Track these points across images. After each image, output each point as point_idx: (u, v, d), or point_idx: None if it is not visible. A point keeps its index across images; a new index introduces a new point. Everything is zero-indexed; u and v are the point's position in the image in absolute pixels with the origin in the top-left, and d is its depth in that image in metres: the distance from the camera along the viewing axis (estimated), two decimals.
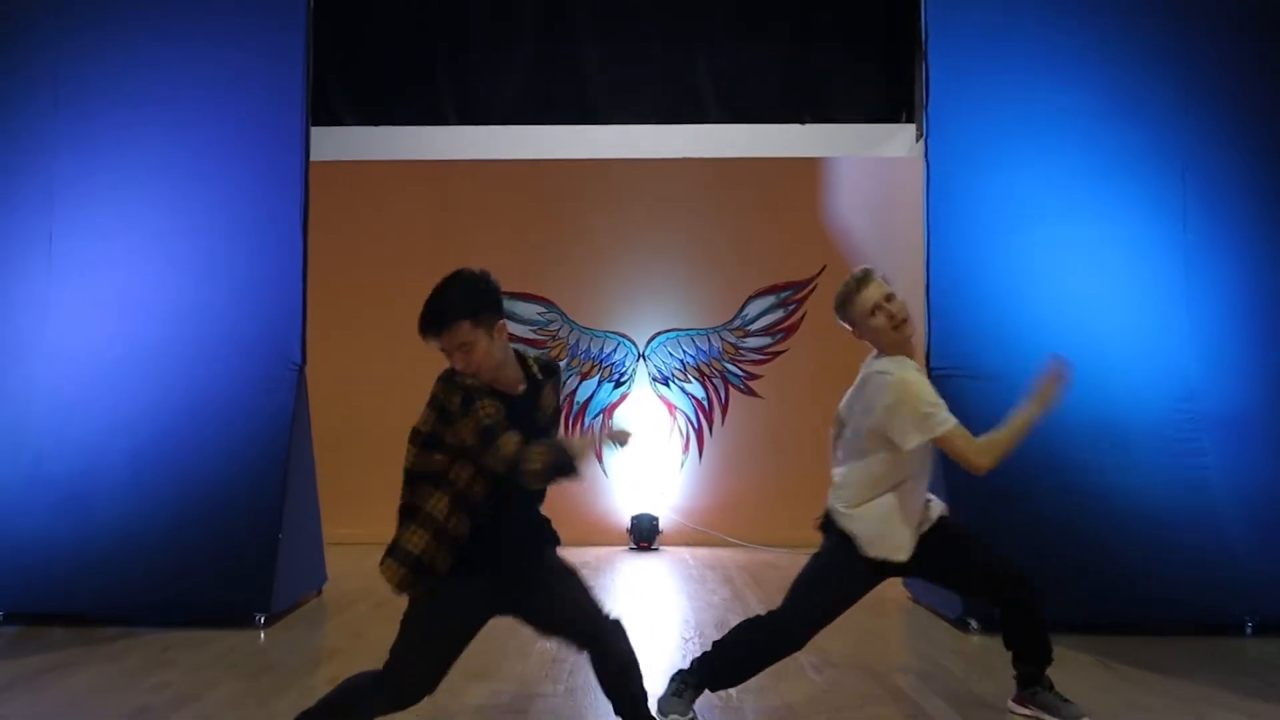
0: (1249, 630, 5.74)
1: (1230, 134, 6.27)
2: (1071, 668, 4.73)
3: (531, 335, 9.90)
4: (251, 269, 6.39)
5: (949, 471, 6.13)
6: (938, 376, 6.22)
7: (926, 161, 6.46)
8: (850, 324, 4.08)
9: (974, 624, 5.77)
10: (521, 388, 3.35)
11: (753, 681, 4.46)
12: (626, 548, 9.44)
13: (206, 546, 5.99)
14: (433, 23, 9.77)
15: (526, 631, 3.53)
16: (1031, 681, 4.14)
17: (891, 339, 4.01)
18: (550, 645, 4.97)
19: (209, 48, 6.49)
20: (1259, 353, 6.15)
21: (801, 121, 10.35)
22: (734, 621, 5.82)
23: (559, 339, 9.95)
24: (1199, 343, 6.17)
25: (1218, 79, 6.29)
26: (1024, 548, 5.55)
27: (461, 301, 3.22)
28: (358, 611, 6.41)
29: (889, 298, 4.01)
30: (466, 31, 9.79)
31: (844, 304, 4.06)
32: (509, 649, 5.12)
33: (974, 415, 5.95)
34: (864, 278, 4.05)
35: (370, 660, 3.43)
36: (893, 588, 7.01)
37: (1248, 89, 6.31)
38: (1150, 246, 6.26)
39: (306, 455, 6.65)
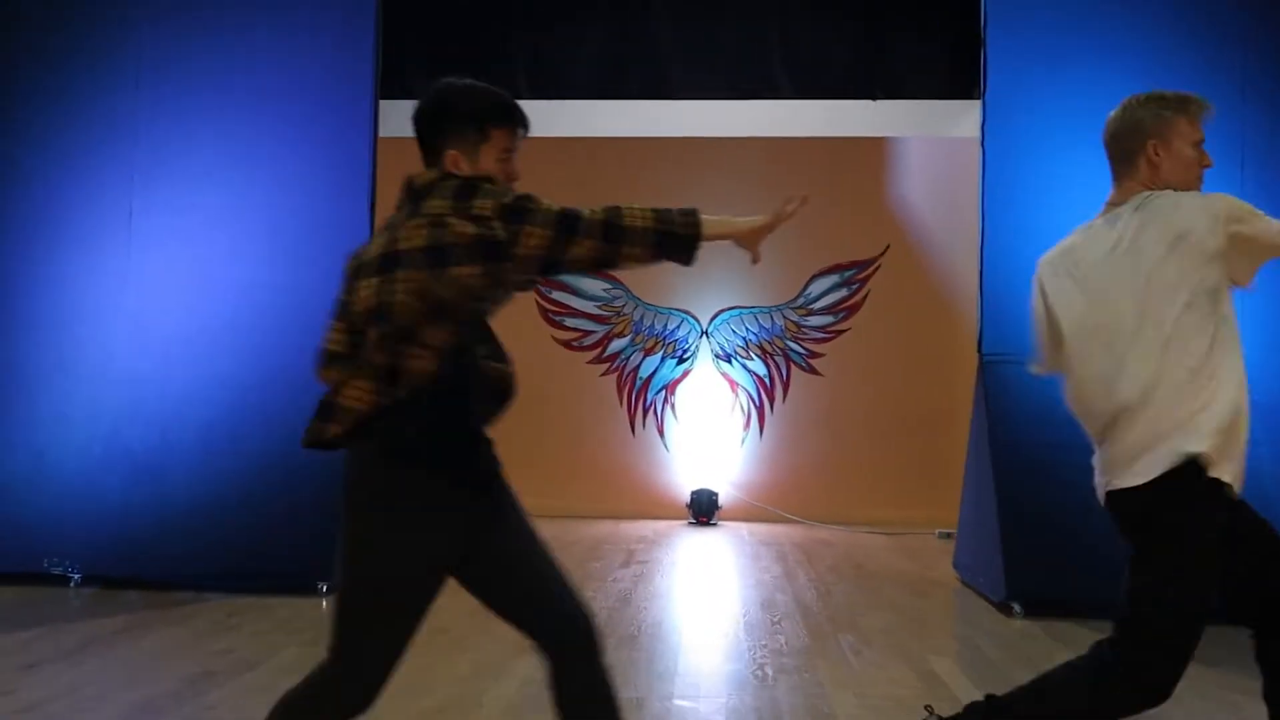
0: None
1: None
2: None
3: (597, 311, 10.07)
4: (318, 245, 6.54)
5: (995, 425, 6.20)
6: (989, 362, 6.28)
7: (983, 146, 6.47)
8: (1138, 149, 3.02)
9: (1017, 608, 5.81)
10: None
11: (788, 661, 4.59)
12: (686, 522, 9.58)
13: (272, 516, 6.23)
14: None
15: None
16: None
17: (1190, 185, 3.02)
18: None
19: (283, 31, 6.69)
20: None
21: (874, 98, 10.40)
22: (781, 600, 5.96)
23: (624, 315, 10.10)
24: (1254, 331, 6.10)
25: (1276, 66, 6.22)
26: (1061, 525, 5.65)
27: None
28: None
29: (1200, 143, 3.07)
30: (542, 6, 9.95)
31: (1166, 123, 3.05)
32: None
33: (1024, 402, 6.06)
34: (1193, 104, 3.10)
35: (428, 625, 2.49)
36: (941, 567, 7.12)
37: None
38: None
39: None
